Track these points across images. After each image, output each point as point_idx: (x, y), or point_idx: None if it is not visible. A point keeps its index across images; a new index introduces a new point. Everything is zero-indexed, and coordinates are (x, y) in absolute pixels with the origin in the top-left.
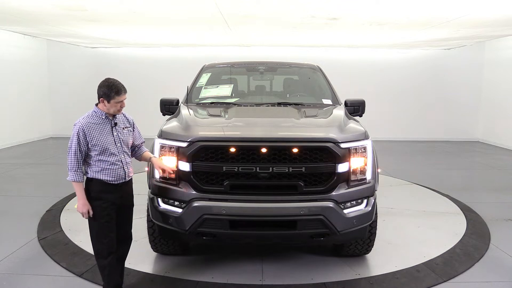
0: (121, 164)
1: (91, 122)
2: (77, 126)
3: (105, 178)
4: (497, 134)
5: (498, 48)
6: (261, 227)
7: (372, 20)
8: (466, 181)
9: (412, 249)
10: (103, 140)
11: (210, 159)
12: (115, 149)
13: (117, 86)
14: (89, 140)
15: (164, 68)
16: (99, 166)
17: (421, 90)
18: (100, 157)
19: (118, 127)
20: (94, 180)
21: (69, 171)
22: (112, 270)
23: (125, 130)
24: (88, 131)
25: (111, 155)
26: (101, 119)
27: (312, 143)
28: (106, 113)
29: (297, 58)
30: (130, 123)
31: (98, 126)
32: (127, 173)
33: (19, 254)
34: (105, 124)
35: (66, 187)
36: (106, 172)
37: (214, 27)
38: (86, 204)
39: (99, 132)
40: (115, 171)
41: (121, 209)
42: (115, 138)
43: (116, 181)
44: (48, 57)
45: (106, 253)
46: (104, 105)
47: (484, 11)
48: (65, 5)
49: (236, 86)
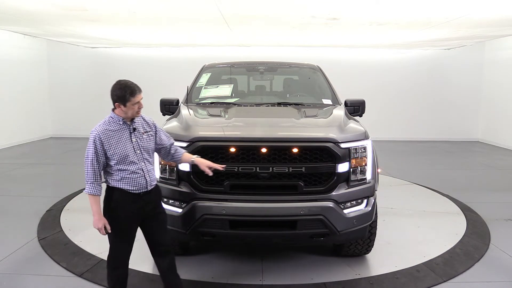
0: (142, 172)
1: (108, 129)
2: (93, 134)
3: (125, 187)
4: (497, 134)
5: (498, 48)
6: (261, 227)
7: (372, 20)
8: (466, 181)
9: (412, 249)
10: (121, 148)
11: (210, 159)
12: (135, 157)
13: (130, 86)
14: (106, 149)
15: (164, 68)
16: (120, 175)
17: (421, 90)
18: (119, 166)
19: (137, 133)
20: (115, 189)
21: (86, 183)
22: (117, 283)
23: (145, 135)
24: (106, 139)
25: (130, 164)
26: (119, 125)
27: (312, 143)
28: (124, 118)
29: (297, 58)
30: (151, 126)
31: (115, 133)
32: (149, 182)
33: (19, 254)
34: (123, 130)
35: (66, 187)
36: (127, 181)
37: (214, 27)
38: (101, 219)
39: (117, 140)
40: (136, 180)
41: (147, 220)
42: (134, 144)
43: (137, 191)
44: (48, 57)
45: (114, 265)
46: (121, 110)
47: (484, 11)
48: (65, 5)
49: (236, 86)
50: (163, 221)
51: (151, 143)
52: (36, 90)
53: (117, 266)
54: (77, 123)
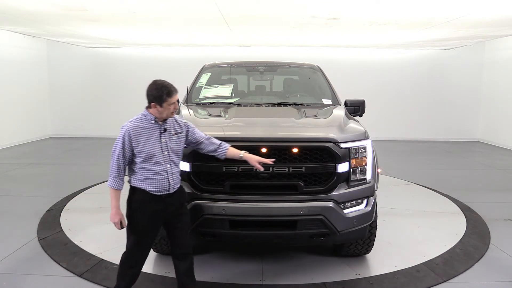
0: (166, 174)
1: (139, 126)
2: (123, 129)
3: (147, 188)
4: (497, 134)
5: (498, 48)
6: (261, 227)
7: (372, 20)
8: (466, 181)
9: (412, 249)
10: (149, 146)
11: (210, 159)
12: (161, 158)
13: (167, 87)
14: (134, 146)
15: (164, 68)
16: (143, 175)
17: (421, 90)
18: (143, 165)
19: (167, 133)
20: (137, 189)
21: (109, 176)
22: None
23: (175, 137)
24: (135, 136)
25: (155, 164)
26: (150, 123)
27: (312, 143)
28: (156, 117)
29: (297, 58)
30: (182, 127)
31: (146, 131)
32: (172, 185)
33: (19, 254)
34: (154, 130)
35: (66, 187)
36: (149, 182)
37: (214, 27)
38: (118, 213)
39: (146, 138)
40: (159, 181)
41: (169, 221)
42: (162, 145)
43: (159, 192)
44: (48, 57)
45: (130, 265)
46: (157, 110)
47: (484, 11)
48: (65, 5)
49: (236, 86)
50: (185, 223)
51: (181, 145)
52: (36, 90)
53: (132, 266)
54: (77, 123)
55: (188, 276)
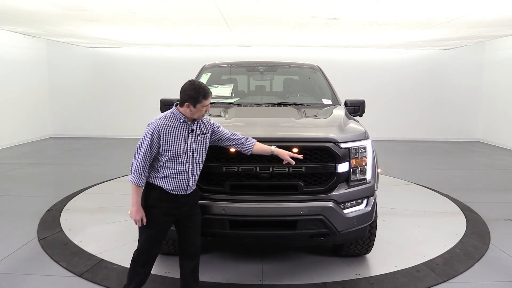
0: (186, 175)
1: (168, 125)
2: (152, 125)
3: (165, 186)
4: (497, 134)
5: (498, 48)
6: (261, 227)
7: (372, 20)
8: (466, 181)
9: (412, 249)
10: (176, 146)
11: (211, 159)
12: (185, 158)
13: (204, 89)
14: (162, 143)
15: (164, 68)
16: (164, 173)
17: (421, 90)
18: (167, 164)
19: (194, 134)
20: (154, 186)
21: (132, 172)
22: (138, 280)
23: (201, 138)
24: (164, 134)
25: (179, 164)
26: (179, 122)
27: (312, 143)
28: (186, 117)
29: (297, 58)
30: (207, 127)
31: (174, 130)
32: (190, 186)
33: (19, 254)
34: (182, 129)
35: (66, 187)
36: (168, 180)
37: (214, 27)
38: (139, 210)
39: (174, 137)
40: (179, 181)
41: (181, 220)
42: (188, 145)
43: (176, 192)
44: (48, 57)
45: (143, 262)
46: (189, 110)
47: (484, 11)
48: (65, 5)
49: (236, 86)
50: (197, 223)
51: (206, 146)
52: (36, 90)
53: (145, 263)
54: (77, 123)
55: (192, 276)
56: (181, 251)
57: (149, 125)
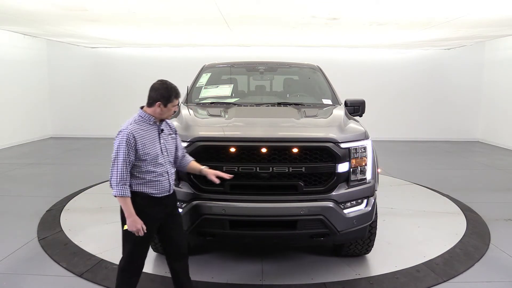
0: (167, 175)
1: (140, 128)
2: (124, 132)
3: (149, 191)
4: (497, 134)
5: (498, 48)
6: (261, 227)
7: (372, 20)
8: (466, 181)
9: (412, 249)
10: (153, 147)
11: (210, 159)
12: (162, 159)
13: (176, 89)
14: (139, 148)
15: (164, 68)
16: (145, 178)
17: (421, 90)
18: (148, 167)
19: (164, 134)
20: (137, 193)
21: (115, 185)
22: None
23: (170, 137)
24: (139, 138)
25: (158, 166)
26: (149, 124)
27: (312, 143)
28: (155, 118)
29: (297, 58)
30: (172, 129)
31: (146, 133)
32: (171, 186)
33: (19, 254)
34: (153, 131)
35: (66, 187)
36: (152, 185)
37: (214, 27)
38: (137, 220)
39: (148, 139)
40: (161, 183)
41: (164, 223)
42: (162, 146)
43: (160, 194)
44: (48, 57)
45: (133, 273)
46: (160, 110)
47: (484, 11)
48: (65, 5)
49: (236, 86)
50: (180, 223)
51: (174, 146)
52: (36, 90)
53: (135, 274)
54: (77, 123)
55: (185, 276)
56: (168, 254)
57: (120, 133)
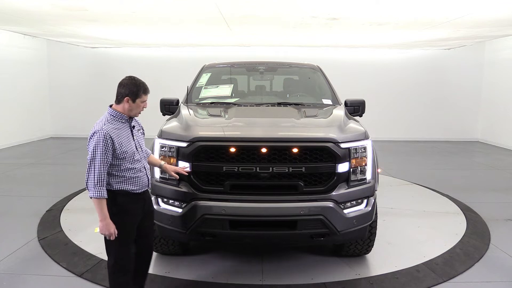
0: (144, 171)
1: (114, 127)
2: (100, 133)
3: (130, 188)
4: (497, 134)
5: (498, 48)
6: (261, 227)
7: (372, 20)
8: (466, 181)
9: (412, 249)
10: (129, 144)
11: (210, 159)
12: (138, 155)
13: (144, 84)
14: (117, 147)
15: (164, 68)
16: (125, 176)
17: (421, 90)
18: (127, 165)
19: (135, 131)
20: (117, 192)
21: (92, 187)
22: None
23: (139, 133)
24: (115, 137)
25: (136, 162)
26: (121, 122)
27: (312, 143)
28: (126, 115)
29: (297, 58)
30: (140, 126)
31: (121, 131)
32: (149, 180)
33: (19, 254)
34: (126, 128)
35: (66, 187)
36: (132, 181)
37: (214, 27)
38: (110, 224)
39: (123, 137)
40: (141, 178)
41: (145, 217)
42: (135, 142)
43: (140, 190)
44: (48, 57)
45: (123, 271)
46: (128, 105)
47: (484, 11)
48: (65, 5)
49: (236, 86)
50: (152, 220)
51: (144, 141)
52: (36, 90)
53: (126, 272)
54: (77, 123)
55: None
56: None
57: (95, 135)
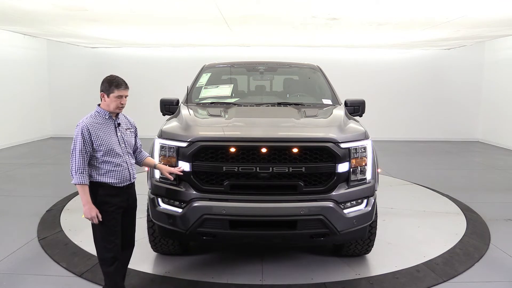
0: (126, 165)
1: (95, 122)
2: (80, 125)
3: (110, 180)
4: (497, 134)
5: (498, 48)
6: (261, 227)
7: (372, 20)
8: (466, 181)
9: (412, 249)
10: (107, 139)
11: (210, 159)
12: (120, 150)
13: (117, 80)
14: (94, 140)
15: (164, 68)
16: (104, 168)
17: (421, 90)
18: (105, 158)
19: (121, 128)
20: (99, 183)
21: (74, 173)
22: (117, 276)
23: (128, 131)
24: (93, 130)
25: (116, 156)
26: (105, 119)
27: (312, 143)
28: (109, 112)
29: (297, 58)
30: (132, 125)
31: (102, 126)
32: (132, 175)
33: (19, 254)
34: (109, 125)
35: (66, 187)
36: (112, 174)
37: (214, 27)
38: (92, 208)
39: (103, 132)
40: (121, 172)
41: (126, 212)
42: (119, 138)
43: (122, 183)
44: (48, 57)
45: (112, 260)
46: (104, 101)
47: (484, 11)
48: (65, 5)
49: (236, 86)
50: (135, 214)
51: (133, 139)
52: (36, 90)
53: (114, 260)
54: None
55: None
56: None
57: (77, 126)
